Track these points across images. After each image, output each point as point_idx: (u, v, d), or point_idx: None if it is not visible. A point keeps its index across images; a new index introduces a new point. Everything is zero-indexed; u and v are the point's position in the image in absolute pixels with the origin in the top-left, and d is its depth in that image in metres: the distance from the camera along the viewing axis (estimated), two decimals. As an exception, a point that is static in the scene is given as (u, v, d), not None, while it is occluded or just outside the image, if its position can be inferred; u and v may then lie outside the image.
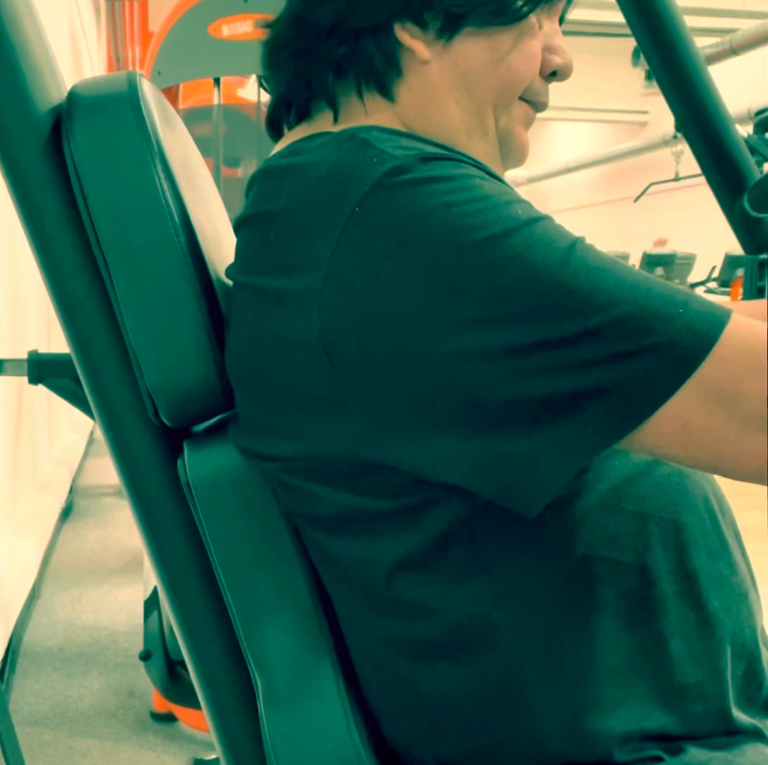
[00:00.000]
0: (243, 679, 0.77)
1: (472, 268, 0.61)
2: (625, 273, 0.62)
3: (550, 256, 0.61)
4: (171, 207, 0.73)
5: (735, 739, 0.72)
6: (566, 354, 0.60)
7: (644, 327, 0.59)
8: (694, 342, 0.59)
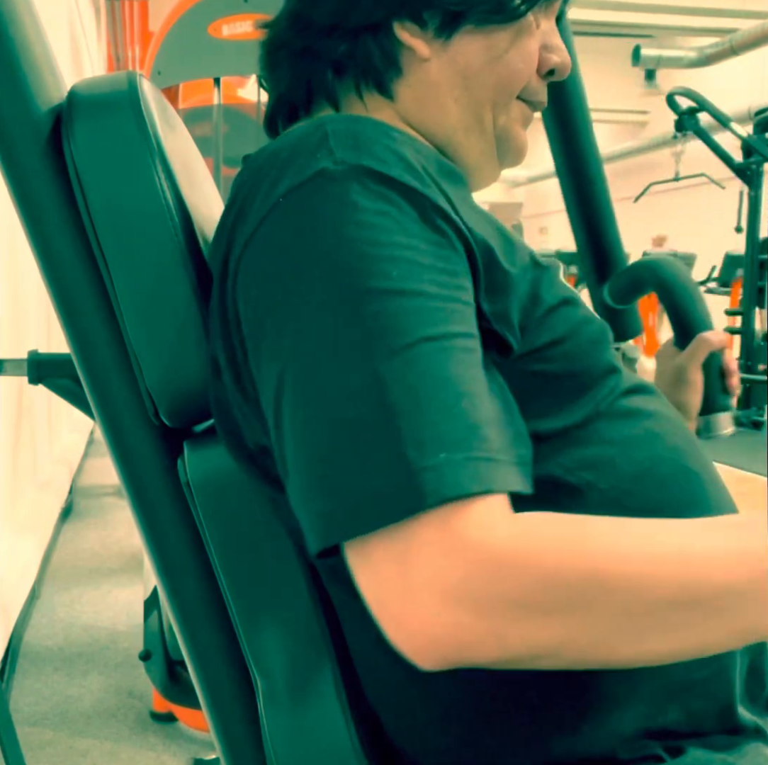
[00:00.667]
0: (243, 679, 0.77)
1: (329, 302, 0.60)
2: (438, 399, 0.57)
3: (377, 344, 0.58)
4: (171, 207, 0.73)
5: (736, 739, 0.72)
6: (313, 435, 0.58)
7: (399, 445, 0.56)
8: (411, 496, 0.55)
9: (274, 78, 0.82)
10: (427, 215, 0.63)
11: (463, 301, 0.62)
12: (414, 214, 0.63)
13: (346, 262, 0.60)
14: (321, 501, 0.57)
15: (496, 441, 0.58)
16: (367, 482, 0.56)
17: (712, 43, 9.53)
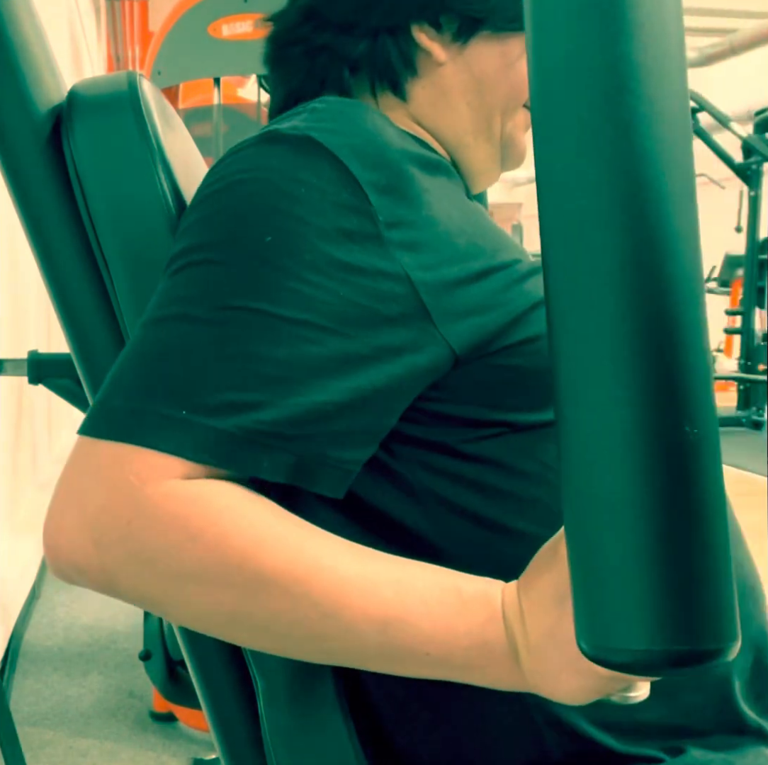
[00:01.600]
0: (243, 679, 0.77)
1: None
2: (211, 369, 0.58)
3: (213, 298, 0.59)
4: (171, 207, 0.73)
5: (737, 739, 0.71)
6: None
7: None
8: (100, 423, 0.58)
9: (283, 74, 0.81)
10: (353, 204, 0.62)
11: (348, 299, 0.60)
12: (339, 198, 0.61)
13: (235, 216, 0.61)
14: (98, 394, 0.60)
15: (269, 425, 0.57)
16: (114, 398, 0.58)
17: (712, 43, 9.53)
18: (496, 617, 0.57)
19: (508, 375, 0.67)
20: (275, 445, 0.57)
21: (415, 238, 0.63)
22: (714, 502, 0.43)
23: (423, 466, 0.67)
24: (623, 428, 0.43)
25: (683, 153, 0.44)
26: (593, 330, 0.43)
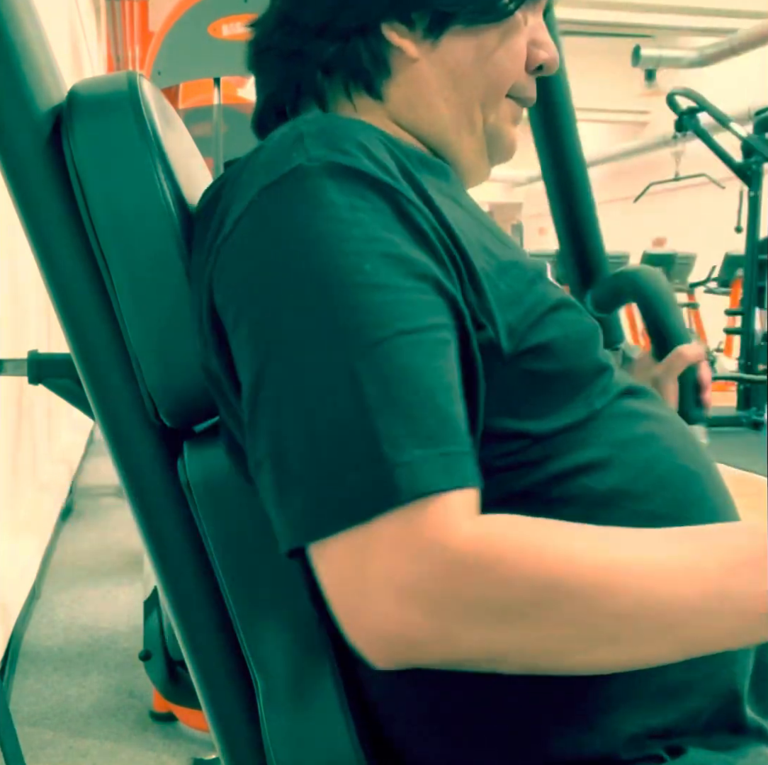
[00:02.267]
0: (243, 679, 0.77)
1: (304, 300, 0.60)
2: (407, 391, 0.57)
3: (348, 338, 0.58)
4: (171, 207, 0.73)
5: (738, 739, 0.71)
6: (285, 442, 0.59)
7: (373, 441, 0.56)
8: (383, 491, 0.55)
9: (263, 79, 0.82)
10: (399, 209, 0.64)
11: (437, 292, 0.62)
12: (387, 208, 0.63)
13: (319, 259, 0.60)
14: (289, 501, 0.58)
15: (466, 434, 0.59)
16: (338, 481, 0.56)
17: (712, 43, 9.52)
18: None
19: (523, 380, 0.68)
20: (473, 453, 0.59)
21: (448, 236, 0.66)
22: None
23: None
24: None
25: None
26: None
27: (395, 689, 0.73)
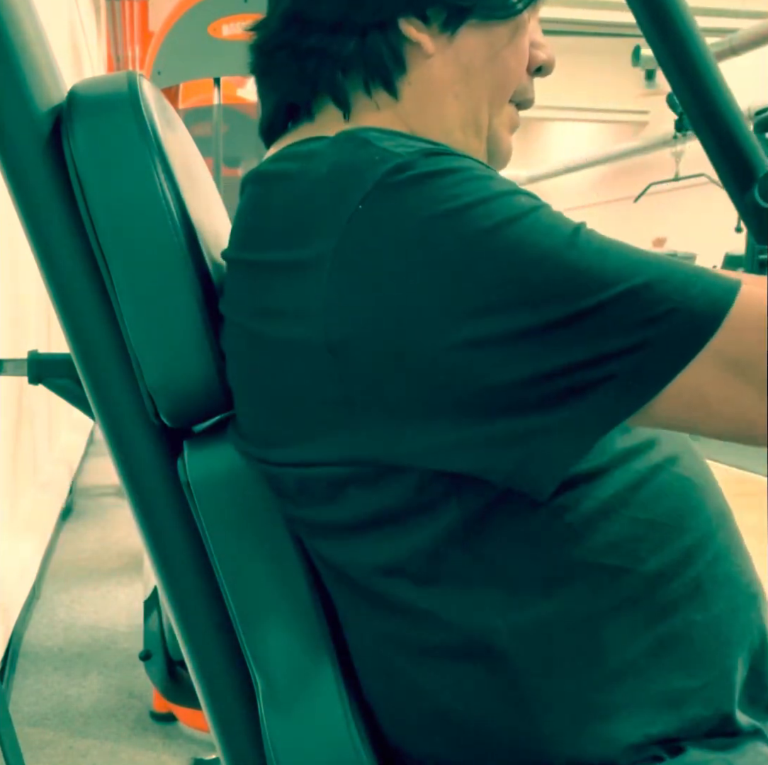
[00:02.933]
0: (243, 679, 0.77)
1: (479, 256, 0.61)
2: (632, 250, 0.63)
3: (556, 239, 0.62)
4: (171, 207, 0.73)
5: (735, 740, 0.71)
6: (580, 328, 0.60)
7: (659, 296, 0.60)
8: (710, 308, 0.60)
9: (272, 81, 0.80)
10: (486, 168, 0.67)
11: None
12: (480, 166, 0.67)
13: (473, 214, 0.62)
14: (695, 275, 0.62)
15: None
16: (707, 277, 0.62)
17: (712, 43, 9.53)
18: None
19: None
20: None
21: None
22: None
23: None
24: None
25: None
26: None
27: (395, 689, 0.73)
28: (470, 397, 0.62)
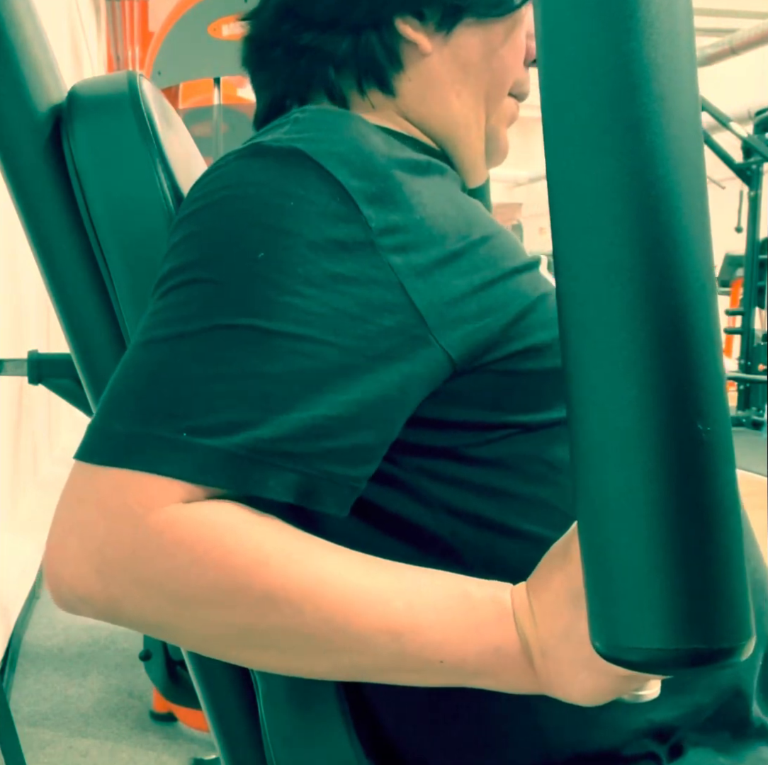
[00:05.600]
0: (243, 679, 0.77)
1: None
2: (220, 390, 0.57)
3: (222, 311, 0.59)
4: (171, 207, 0.73)
5: (739, 741, 0.71)
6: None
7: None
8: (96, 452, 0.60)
9: (266, 77, 0.80)
10: (342, 213, 0.61)
11: (342, 310, 0.59)
12: (327, 208, 0.60)
13: (223, 233, 0.61)
14: (93, 418, 0.61)
15: (268, 444, 0.56)
16: (111, 422, 0.59)
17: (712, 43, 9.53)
18: (508, 621, 0.57)
19: (512, 379, 0.66)
20: (278, 464, 0.56)
21: (408, 242, 0.62)
22: (727, 499, 0.43)
23: (427, 474, 0.66)
24: (636, 427, 0.42)
25: (694, 150, 0.43)
26: (604, 330, 0.43)
27: (395, 689, 0.73)
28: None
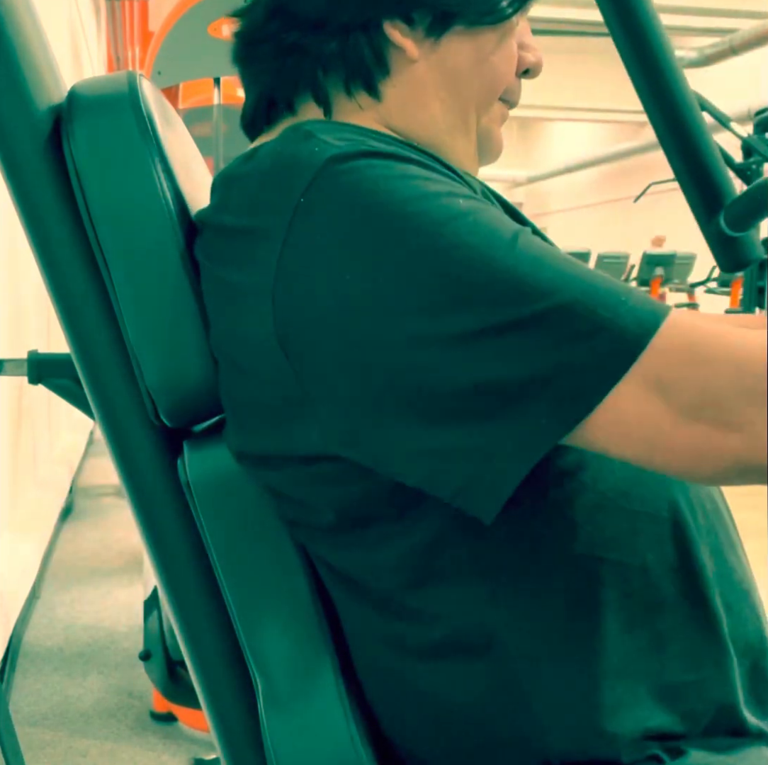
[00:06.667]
0: (243, 679, 0.77)
1: (418, 254, 0.61)
2: (567, 263, 0.62)
3: (494, 243, 0.61)
4: (171, 207, 0.73)
5: (738, 741, 0.71)
6: (513, 340, 0.59)
7: (589, 312, 0.59)
8: (637, 328, 0.58)
9: (254, 73, 0.79)
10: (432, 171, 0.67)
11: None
12: (427, 170, 0.66)
13: (413, 211, 0.62)
14: (625, 296, 0.61)
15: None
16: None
17: (712, 43, 9.54)
18: None
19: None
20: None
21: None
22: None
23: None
24: None
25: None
26: None
27: (394, 688, 0.73)
28: (410, 402, 0.62)
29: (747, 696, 0.73)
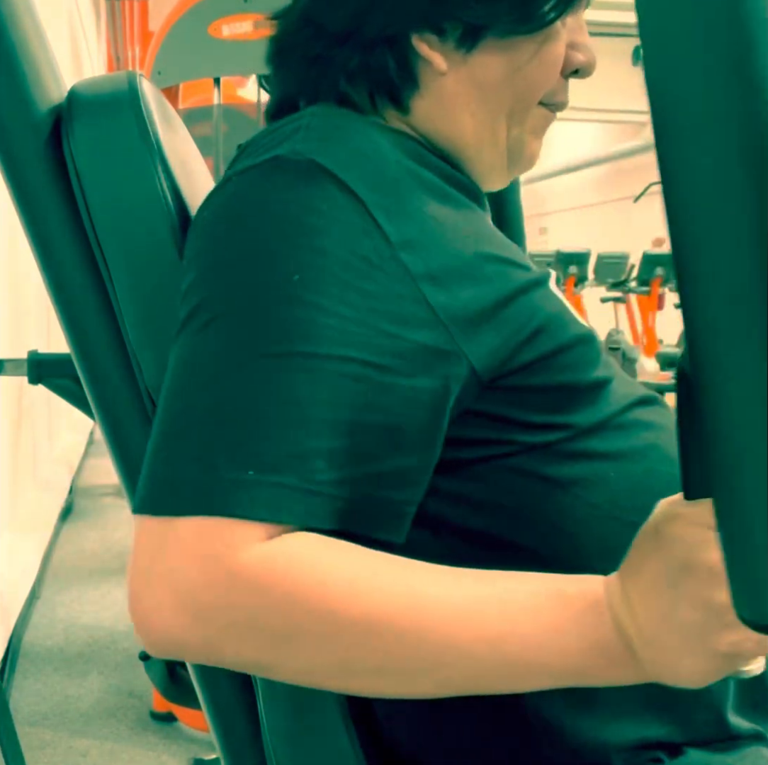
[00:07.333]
0: (243, 679, 0.77)
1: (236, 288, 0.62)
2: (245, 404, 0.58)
3: (261, 342, 0.59)
4: (171, 207, 0.73)
5: (735, 743, 0.71)
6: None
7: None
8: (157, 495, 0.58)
9: (281, 77, 0.79)
10: (365, 228, 0.62)
11: (379, 329, 0.60)
12: (352, 224, 0.61)
13: (255, 256, 0.61)
14: (147, 470, 0.60)
15: (326, 473, 0.57)
16: (175, 471, 0.58)
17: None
18: (604, 613, 0.56)
19: (518, 395, 0.66)
20: (333, 494, 0.58)
21: (424, 256, 0.63)
22: None
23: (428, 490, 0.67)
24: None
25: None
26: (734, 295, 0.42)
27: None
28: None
29: (740, 702, 0.73)
